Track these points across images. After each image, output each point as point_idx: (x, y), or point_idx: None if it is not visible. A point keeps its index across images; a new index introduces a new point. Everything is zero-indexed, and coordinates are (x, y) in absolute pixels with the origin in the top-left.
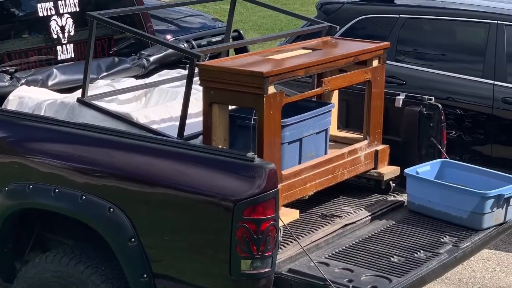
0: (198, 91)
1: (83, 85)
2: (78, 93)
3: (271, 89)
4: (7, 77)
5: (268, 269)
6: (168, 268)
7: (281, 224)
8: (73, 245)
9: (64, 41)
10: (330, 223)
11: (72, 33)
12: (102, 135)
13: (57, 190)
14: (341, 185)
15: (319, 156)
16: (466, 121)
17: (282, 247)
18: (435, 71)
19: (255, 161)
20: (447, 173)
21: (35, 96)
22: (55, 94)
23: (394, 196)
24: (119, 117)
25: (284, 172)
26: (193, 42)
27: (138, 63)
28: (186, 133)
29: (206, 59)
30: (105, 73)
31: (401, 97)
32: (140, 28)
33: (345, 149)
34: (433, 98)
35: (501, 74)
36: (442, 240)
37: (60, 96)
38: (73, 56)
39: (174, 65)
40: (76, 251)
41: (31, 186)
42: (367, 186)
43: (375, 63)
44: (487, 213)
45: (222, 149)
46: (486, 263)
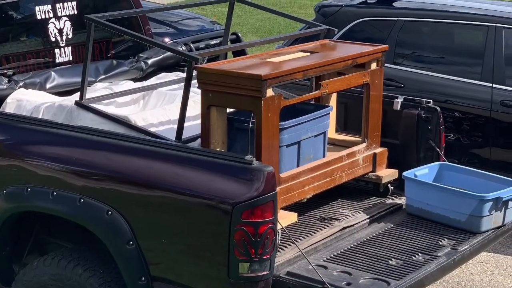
0: (196, 94)
1: (81, 88)
2: (76, 96)
3: (269, 92)
4: (5, 80)
5: (266, 272)
6: (166, 271)
7: (279, 227)
8: (71, 248)
9: (62, 44)
10: (328, 226)
11: (70, 36)
12: (100, 138)
13: (55, 193)
14: (340, 188)
15: (317, 159)
16: (465, 124)
17: (280, 250)
18: (433, 74)
19: (253, 164)
20: (446, 176)
21: (33, 99)
22: (53, 97)
23: (393, 199)
24: (117, 120)
25: (282, 175)
26: (191, 45)
27: (136, 66)
28: (184, 136)
29: (204, 62)
30: (103, 76)
31: (400, 100)
32: (138, 31)
33: (344, 152)
34: (431, 101)
35: (499, 77)
36: (441, 243)
37: (58, 99)
38: (71, 59)
39: (172, 68)
40: (74, 254)
41: (29, 189)
42: (365, 189)
43: (374, 66)
44: (486, 216)
45: (220, 152)
46: (484, 266)
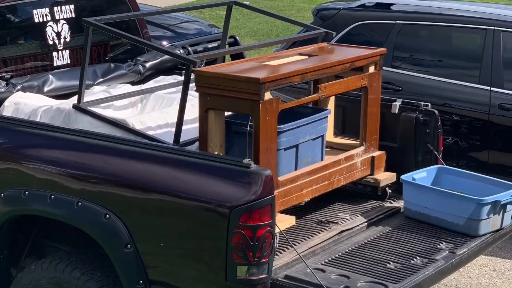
0: (194, 97)
1: (79, 91)
2: (74, 99)
3: (267, 95)
4: (3, 83)
5: (264, 275)
6: (164, 275)
7: (277, 230)
8: (69, 252)
9: (60, 47)
10: (326, 230)
11: (68, 39)
12: (98, 141)
13: (53, 196)
14: (338, 191)
15: (315, 162)
16: (463, 127)
17: (278, 253)
18: (431, 77)
19: (251, 167)
20: (444, 180)
21: (31, 102)
22: (51, 100)
23: (391, 203)
24: (115, 123)
25: (280, 178)
26: (189, 48)
27: (134, 69)
28: (182, 139)
29: (202, 65)
30: (101, 79)
31: (398, 103)
32: (136, 34)
33: (342, 155)
34: (429, 104)
35: (497, 80)
36: (439, 246)
37: (56, 102)
38: (69, 62)
39: (170, 71)
40: (72, 258)
41: (27, 193)
42: (363, 193)
43: (372, 69)
44: (484, 219)
45: (218, 155)
46: (482, 269)
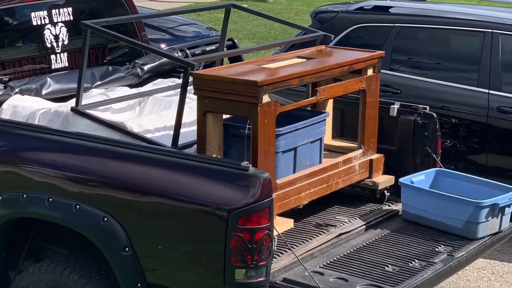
0: (192, 100)
1: (77, 94)
2: (72, 102)
3: (266, 98)
4: (1, 86)
5: (263, 278)
6: (162, 278)
7: (275, 233)
8: (67, 255)
9: (58, 50)
10: (324, 233)
11: (66, 42)
12: (96, 144)
13: (51, 200)
14: (336, 194)
15: (313, 165)
16: (461, 130)
17: (276, 256)
18: (430, 80)
19: (249, 170)
20: (442, 182)
21: (29, 105)
22: (49, 103)
23: (389, 205)
24: (113, 126)
25: (278, 181)
26: (187, 51)
27: (132, 72)
28: (180, 142)
29: (200, 68)
30: (99, 82)
31: (396, 106)
32: (134, 37)
33: (340, 158)
34: (427, 107)
35: (496, 83)
36: (437, 249)
37: (54, 105)
38: (67, 65)
39: (168, 74)
40: (70, 261)
41: (25, 195)
42: (361, 195)
43: (370, 72)
44: (482, 222)
45: (216, 158)
46: (481, 272)
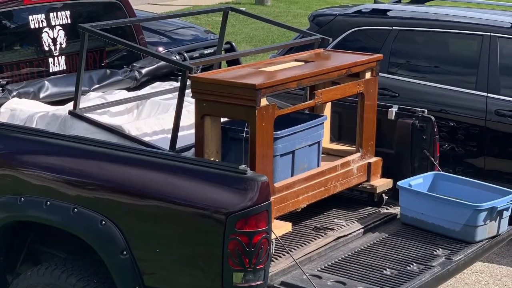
0: (190, 104)
1: (74, 97)
2: (70, 106)
3: (264, 102)
4: None
5: (261, 282)
6: (160, 281)
7: (273, 236)
8: (65, 258)
9: (56, 53)
10: (322, 236)
11: (63, 45)
12: (94, 147)
13: (48, 203)
14: (334, 197)
15: (311, 169)
16: (459, 133)
17: (274, 259)
18: (428, 83)
19: (247, 173)
20: (440, 186)
21: (26, 108)
22: (47, 106)
23: (387, 209)
24: (111, 130)
25: (276, 184)
26: (185, 54)
27: (130, 75)
28: (178, 146)
29: (198, 71)
30: (97, 86)
31: (394, 109)
32: (132, 40)
33: (338, 162)
34: (426, 110)
35: (494, 86)
36: (435, 252)
37: (51, 109)
38: (64, 68)
39: (166, 77)
40: (68, 264)
41: (22, 199)
42: (359, 199)
43: (368, 75)
44: (480, 225)
45: (214, 161)
46: (479, 276)
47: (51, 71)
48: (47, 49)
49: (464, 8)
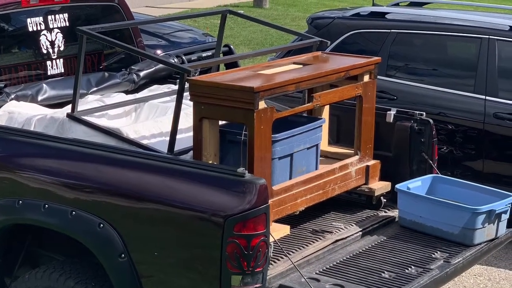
0: (188, 106)
1: (73, 100)
2: (68, 108)
3: (262, 104)
4: None
5: (259, 285)
6: (158, 284)
7: (271, 239)
8: (63, 261)
9: (54, 56)
10: (321, 239)
11: (62, 48)
12: (92, 150)
13: (46, 206)
14: (332, 200)
15: (310, 172)
16: (458, 136)
17: (272, 262)
18: (426, 86)
19: (245, 176)
20: (439, 189)
21: (24, 111)
22: (45, 109)
23: (385, 212)
24: (109, 133)
25: (274, 187)
26: (183, 57)
27: (128, 78)
28: (176, 149)
29: (197, 74)
30: (95, 88)
31: (392, 112)
32: (130, 43)
33: (336, 165)
34: (424, 113)
35: (492, 89)
36: (433, 255)
37: (50, 111)
38: (63, 71)
39: (164, 80)
40: (66, 267)
41: (20, 202)
42: (358, 202)
43: (366, 78)
44: (479, 228)
45: (212, 164)
46: (477, 279)
47: (49, 74)
48: (45, 52)
49: (462, 11)
